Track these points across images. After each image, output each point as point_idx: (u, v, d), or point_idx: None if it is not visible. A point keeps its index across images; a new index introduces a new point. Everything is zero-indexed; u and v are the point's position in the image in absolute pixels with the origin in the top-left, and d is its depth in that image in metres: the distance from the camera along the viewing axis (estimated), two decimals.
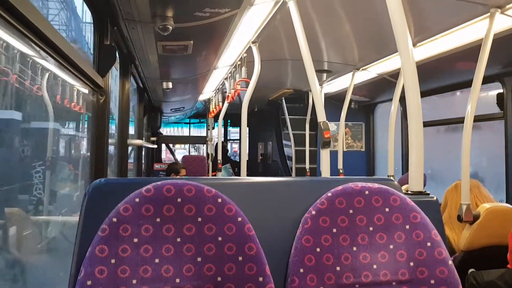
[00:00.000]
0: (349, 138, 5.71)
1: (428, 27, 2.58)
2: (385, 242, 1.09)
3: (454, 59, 3.04)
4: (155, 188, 1.00)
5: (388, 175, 3.49)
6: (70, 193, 2.85)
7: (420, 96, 1.38)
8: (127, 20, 2.39)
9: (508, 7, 2.16)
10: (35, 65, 2.00)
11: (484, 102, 3.44)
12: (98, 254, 0.94)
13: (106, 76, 2.26)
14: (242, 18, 2.45)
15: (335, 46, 3.29)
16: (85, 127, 2.96)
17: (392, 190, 1.13)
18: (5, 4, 1.07)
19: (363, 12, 2.46)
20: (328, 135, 2.11)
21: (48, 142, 2.34)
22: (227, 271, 0.99)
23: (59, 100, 2.43)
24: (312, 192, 1.15)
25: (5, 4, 1.07)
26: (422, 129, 1.39)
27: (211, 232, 1.01)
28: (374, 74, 3.87)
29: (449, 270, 1.07)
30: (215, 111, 5.51)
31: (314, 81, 2.15)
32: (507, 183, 3.20)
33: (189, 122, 11.49)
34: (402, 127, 4.81)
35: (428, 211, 1.14)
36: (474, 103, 2.35)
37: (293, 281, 1.04)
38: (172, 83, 4.58)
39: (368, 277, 1.06)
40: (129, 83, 3.33)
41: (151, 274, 0.96)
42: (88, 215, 1.03)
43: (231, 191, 1.09)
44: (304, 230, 1.08)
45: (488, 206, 2.32)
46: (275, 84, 5.01)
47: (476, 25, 2.38)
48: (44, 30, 1.32)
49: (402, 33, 1.38)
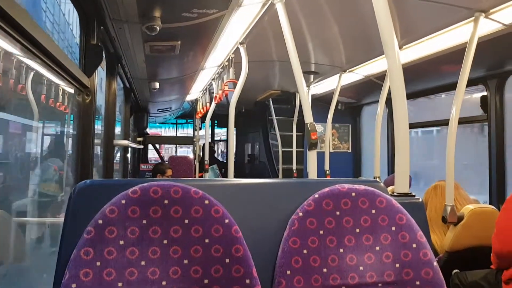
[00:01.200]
0: (336, 139, 5.74)
1: (414, 30, 2.61)
2: (371, 243, 1.10)
3: (439, 62, 3.08)
4: (141, 189, 1.00)
5: (374, 177, 3.52)
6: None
7: (406, 98, 1.40)
8: (114, 20, 2.37)
9: (492, 11, 2.20)
10: (19, 64, 1.97)
11: (468, 105, 3.50)
12: (83, 257, 0.93)
13: (92, 76, 2.24)
14: (230, 19, 2.45)
15: (322, 48, 3.31)
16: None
17: (378, 192, 1.14)
18: None
19: (350, 15, 2.47)
20: (315, 136, 2.12)
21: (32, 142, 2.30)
22: (214, 273, 0.99)
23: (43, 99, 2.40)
24: (299, 193, 1.15)
25: None
26: (408, 130, 1.40)
27: (198, 234, 1.00)
28: (361, 76, 3.90)
29: (434, 271, 1.09)
30: (202, 112, 5.48)
31: (302, 83, 2.16)
32: (490, 185, 3.25)
33: (176, 122, 11.43)
34: (388, 129, 4.85)
35: (413, 213, 1.15)
36: (458, 105, 2.38)
37: (280, 283, 1.04)
38: (159, 84, 4.56)
39: (354, 279, 1.07)
40: (116, 83, 3.30)
41: (137, 276, 0.95)
42: (73, 217, 1.02)
43: (219, 193, 1.09)
44: (291, 232, 1.08)
45: (472, 207, 2.35)
46: (263, 85, 5.02)
47: (461, 28, 2.41)
48: (29, 29, 1.30)
49: (388, 35, 1.39)
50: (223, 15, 2.36)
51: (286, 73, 3.75)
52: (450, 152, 2.38)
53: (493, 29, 2.38)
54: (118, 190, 1.01)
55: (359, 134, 5.78)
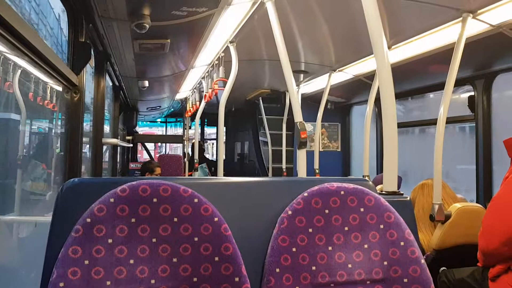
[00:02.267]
0: (325, 138, 5.76)
1: (403, 30, 2.62)
2: (360, 241, 1.11)
3: (428, 62, 3.11)
4: (130, 188, 0.99)
5: (363, 175, 3.54)
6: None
7: (394, 97, 1.41)
8: (103, 17, 2.35)
9: (479, 12, 2.22)
10: (6, 61, 1.95)
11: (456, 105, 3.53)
12: (71, 255, 0.92)
13: (80, 73, 2.22)
14: (220, 17, 2.44)
15: (312, 47, 3.32)
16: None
17: (367, 190, 1.15)
18: None
19: (340, 14, 2.48)
20: (305, 135, 2.12)
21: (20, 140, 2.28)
22: (203, 272, 0.99)
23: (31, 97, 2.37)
24: (288, 192, 1.16)
25: None
26: (397, 130, 1.42)
27: (187, 232, 1.00)
28: (350, 76, 3.92)
29: (422, 269, 1.10)
30: (192, 110, 5.47)
31: (291, 82, 2.16)
32: (477, 183, 3.29)
33: (165, 121, 11.38)
34: (377, 128, 4.88)
35: (401, 211, 1.16)
36: (446, 105, 2.40)
37: (269, 281, 1.04)
38: (149, 82, 4.54)
39: (343, 277, 1.08)
40: (105, 81, 3.28)
41: (126, 275, 0.95)
42: (61, 216, 1.01)
43: (208, 191, 1.09)
44: (281, 230, 1.08)
45: (459, 206, 2.37)
46: (253, 84, 5.02)
47: (449, 29, 2.44)
48: (15, 24, 1.28)
49: (377, 35, 1.40)
50: (213, 13, 2.35)
51: (276, 72, 3.75)
52: (438, 151, 2.41)
53: (481, 30, 2.41)
54: (107, 188, 1.00)
55: (348, 133, 5.81)
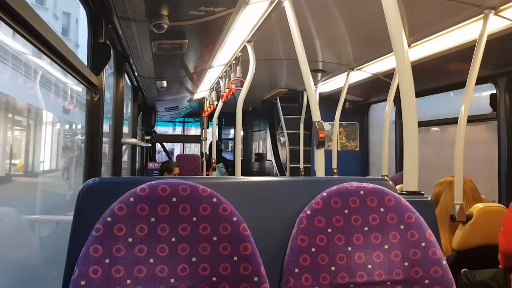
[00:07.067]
0: (343, 138, 5.72)
1: (423, 27, 2.59)
2: (380, 242, 1.09)
3: (448, 60, 3.06)
4: (149, 187, 1.00)
5: (382, 175, 3.50)
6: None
7: (415, 96, 1.39)
8: (122, 18, 2.38)
9: (501, 8, 2.17)
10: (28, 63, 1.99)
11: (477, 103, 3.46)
12: (92, 254, 0.94)
13: (100, 74, 2.25)
14: (237, 17, 2.45)
15: (330, 46, 3.30)
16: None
17: (387, 190, 1.14)
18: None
19: (358, 12, 2.46)
20: (323, 134, 2.11)
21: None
22: (222, 271, 0.99)
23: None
24: (307, 192, 1.15)
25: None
26: (417, 129, 1.40)
27: (206, 231, 1.00)
28: (369, 74, 3.88)
29: (443, 270, 1.08)
30: (209, 110, 5.49)
31: (309, 81, 2.15)
32: (500, 184, 3.23)
33: (183, 121, 11.45)
34: (396, 127, 4.82)
35: (422, 211, 1.14)
36: (467, 103, 2.36)
37: (288, 281, 1.04)
38: (167, 82, 4.57)
39: (363, 277, 1.07)
40: (124, 82, 3.31)
41: (146, 274, 0.96)
42: (82, 215, 1.03)
43: (226, 191, 1.09)
44: (299, 230, 1.07)
45: (481, 206, 2.33)
46: (270, 83, 5.01)
47: (470, 26, 2.39)
48: (38, 28, 1.30)
49: (397, 33, 1.38)
50: (230, 13, 2.36)
51: (293, 71, 3.74)
52: (459, 150, 2.37)
53: (503, 27, 2.36)
54: (126, 188, 1.01)
55: (366, 133, 5.75)
